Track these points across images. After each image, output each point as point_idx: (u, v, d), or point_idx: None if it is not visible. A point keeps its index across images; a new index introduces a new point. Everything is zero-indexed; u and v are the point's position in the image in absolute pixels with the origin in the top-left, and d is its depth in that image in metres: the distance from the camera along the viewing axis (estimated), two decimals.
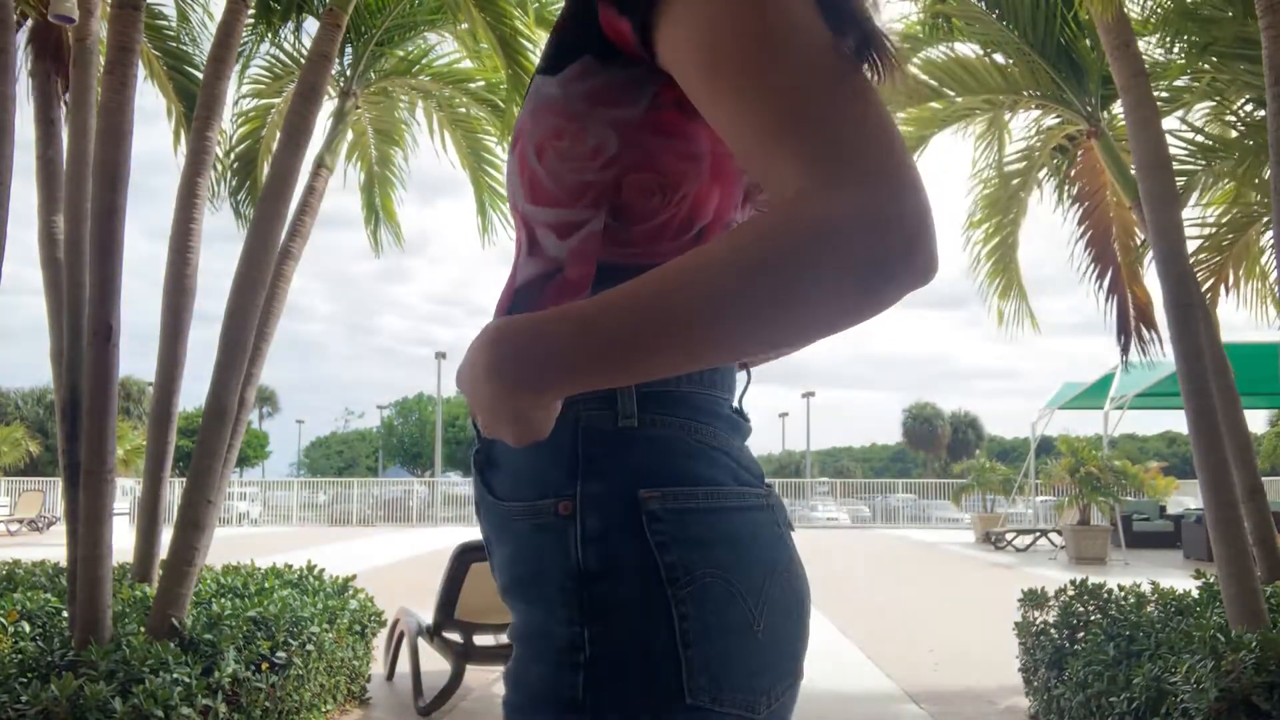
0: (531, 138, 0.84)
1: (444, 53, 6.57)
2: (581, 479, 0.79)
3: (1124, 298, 5.85)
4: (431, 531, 21.80)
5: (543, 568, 0.79)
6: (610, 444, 0.79)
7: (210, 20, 5.93)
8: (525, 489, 0.82)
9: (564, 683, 0.76)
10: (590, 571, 0.76)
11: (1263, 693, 2.95)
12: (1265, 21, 3.48)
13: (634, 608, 0.75)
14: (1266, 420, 31.52)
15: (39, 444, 28.19)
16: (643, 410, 0.80)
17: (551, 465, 0.80)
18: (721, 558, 0.77)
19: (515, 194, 0.87)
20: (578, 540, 0.77)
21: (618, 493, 0.78)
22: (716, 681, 0.75)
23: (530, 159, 0.84)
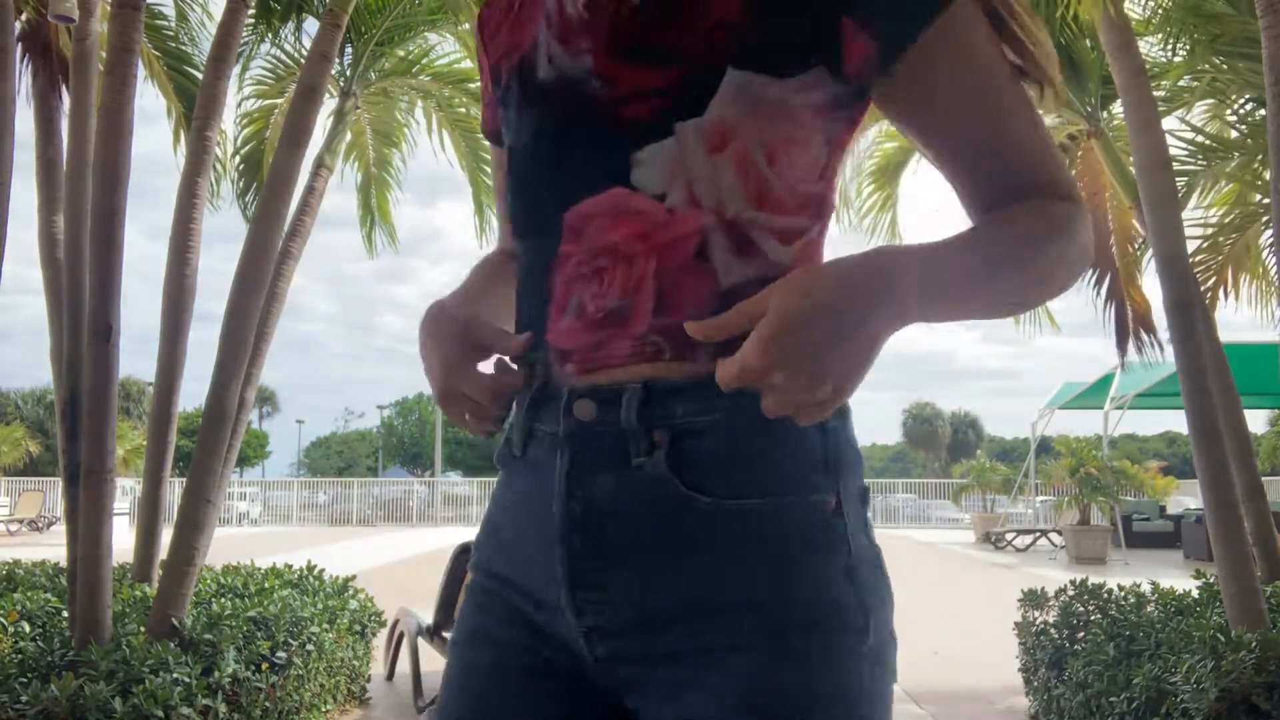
0: (760, 141, 0.81)
1: (444, 53, 6.58)
2: (839, 477, 0.83)
3: (1122, 301, 5.84)
4: (431, 531, 21.80)
5: (815, 562, 0.81)
6: (842, 442, 0.85)
7: (210, 20, 5.93)
8: (775, 485, 0.81)
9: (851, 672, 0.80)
10: (854, 565, 0.82)
11: (1263, 693, 2.95)
12: (1266, 21, 3.48)
13: (884, 597, 0.84)
14: (1266, 420, 31.50)
15: (39, 444, 28.20)
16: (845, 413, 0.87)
17: (808, 462, 0.82)
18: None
19: (714, 194, 0.81)
20: (847, 533, 0.82)
21: (857, 487, 0.85)
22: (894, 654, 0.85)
23: (760, 163, 0.82)
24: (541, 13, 0.90)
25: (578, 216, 0.84)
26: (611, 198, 0.82)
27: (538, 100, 0.88)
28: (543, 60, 0.88)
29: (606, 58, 0.84)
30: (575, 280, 0.84)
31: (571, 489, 0.82)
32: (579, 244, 0.84)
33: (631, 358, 0.81)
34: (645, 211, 0.81)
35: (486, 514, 0.96)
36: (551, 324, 0.85)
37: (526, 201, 0.90)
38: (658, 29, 0.83)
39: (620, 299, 0.82)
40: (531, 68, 0.89)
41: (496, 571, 0.91)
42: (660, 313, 0.81)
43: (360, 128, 6.84)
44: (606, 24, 0.85)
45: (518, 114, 0.90)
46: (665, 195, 0.81)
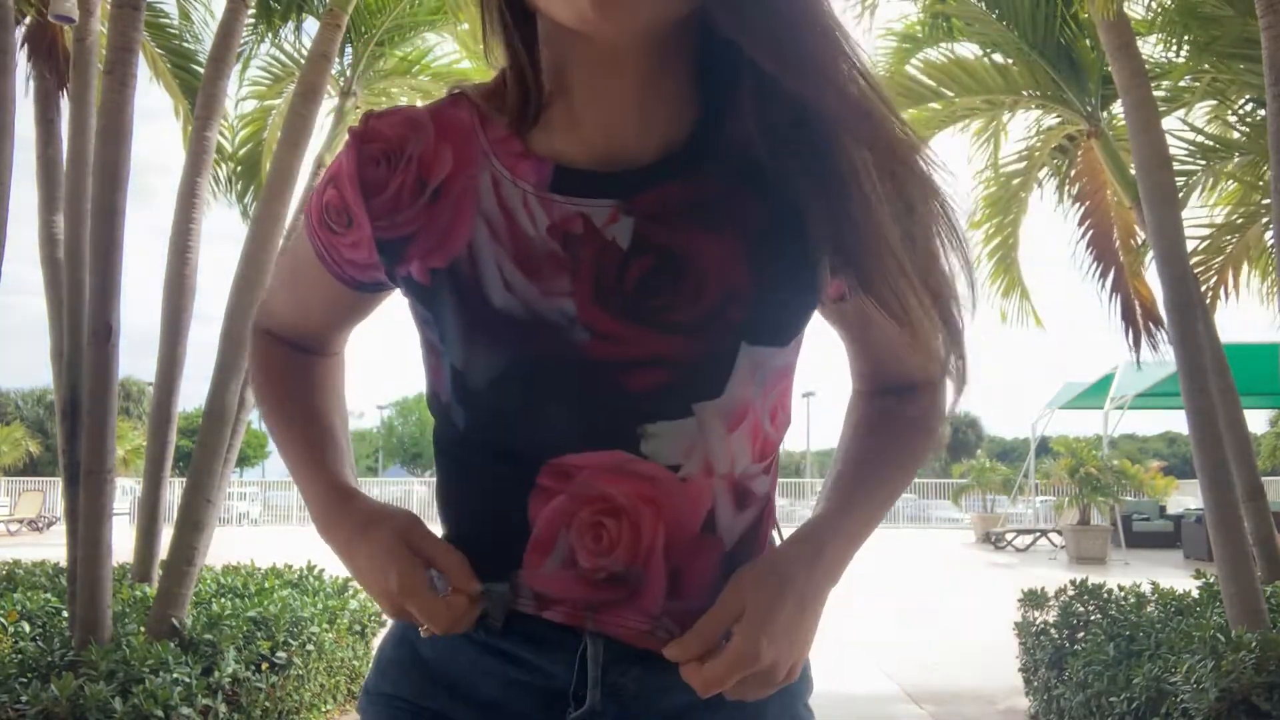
0: (765, 408, 0.83)
1: (444, 52, 6.58)
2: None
3: (1128, 296, 5.85)
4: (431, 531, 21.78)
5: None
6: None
7: (212, 19, 5.94)
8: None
9: None
10: None
11: (1263, 693, 2.95)
12: (1265, 21, 3.48)
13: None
14: (1266, 420, 31.50)
15: (39, 444, 28.19)
16: None
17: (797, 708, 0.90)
18: None
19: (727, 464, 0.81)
20: None
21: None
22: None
23: (765, 426, 0.83)
24: (475, 212, 0.77)
25: (567, 464, 0.78)
26: (614, 457, 0.77)
27: (499, 332, 0.77)
28: (494, 282, 0.76)
29: (592, 307, 0.76)
30: (562, 523, 0.78)
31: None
32: (566, 484, 0.78)
33: (641, 635, 0.79)
34: (656, 477, 0.78)
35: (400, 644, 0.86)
36: (529, 564, 0.78)
37: (490, 434, 0.81)
38: (656, 289, 0.76)
39: (627, 566, 0.78)
40: (475, 285, 0.77)
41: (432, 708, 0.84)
42: (673, 595, 0.79)
43: None
44: (590, 268, 0.76)
45: (466, 339, 0.78)
46: (680, 466, 0.78)
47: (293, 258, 0.93)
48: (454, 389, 0.81)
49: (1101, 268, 5.94)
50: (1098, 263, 5.96)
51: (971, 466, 21.42)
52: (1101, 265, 5.94)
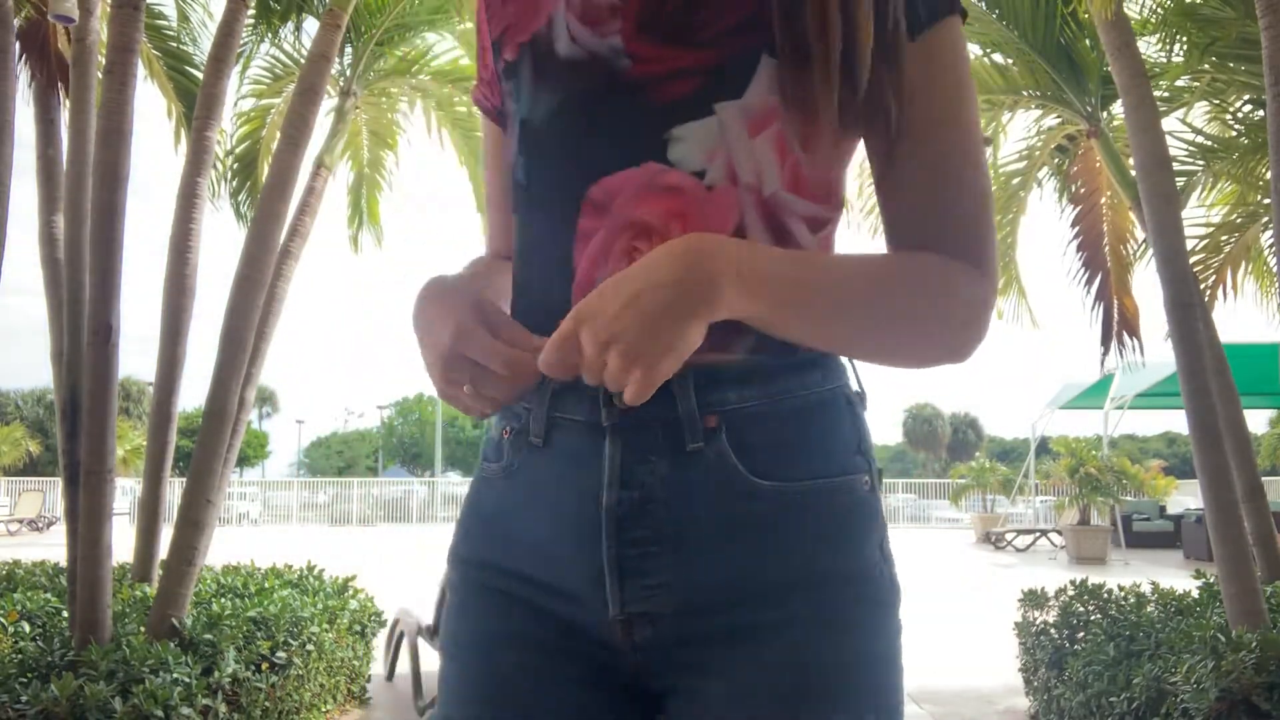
0: (795, 126, 0.84)
1: (444, 51, 6.57)
2: (867, 456, 0.88)
3: (1110, 303, 5.84)
4: (432, 531, 21.80)
5: (861, 540, 0.86)
6: (866, 428, 0.90)
7: (210, 20, 5.93)
8: (825, 467, 0.85)
9: (889, 624, 0.86)
10: (885, 539, 0.89)
11: (1263, 693, 2.95)
12: (1265, 21, 3.48)
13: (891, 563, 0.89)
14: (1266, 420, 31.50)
15: (39, 444, 28.20)
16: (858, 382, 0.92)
17: (846, 445, 0.87)
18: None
19: (754, 173, 0.83)
20: (877, 512, 0.88)
21: (878, 470, 0.90)
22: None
23: (796, 146, 0.84)
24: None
25: (604, 190, 0.83)
26: (645, 172, 0.83)
27: (559, 75, 0.87)
28: (562, 37, 0.88)
29: (637, 38, 0.85)
30: (602, 258, 0.83)
31: (625, 477, 0.81)
32: (603, 219, 0.83)
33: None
34: (682, 187, 0.82)
35: (470, 506, 0.93)
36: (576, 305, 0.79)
37: (543, 173, 0.88)
38: (689, 12, 0.85)
39: None
40: (549, 43, 0.88)
41: (498, 565, 0.88)
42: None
43: (357, 127, 6.84)
44: (635, 6, 0.86)
45: (533, 88, 0.89)
46: (705, 172, 0.82)
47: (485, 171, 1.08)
48: (519, 144, 0.90)
49: (1089, 274, 5.94)
50: (1086, 268, 5.96)
51: (970, 468, 21.42)
52: (1089, 271, 5.94)
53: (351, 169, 7.14)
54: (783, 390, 0.83)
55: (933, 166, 0.84)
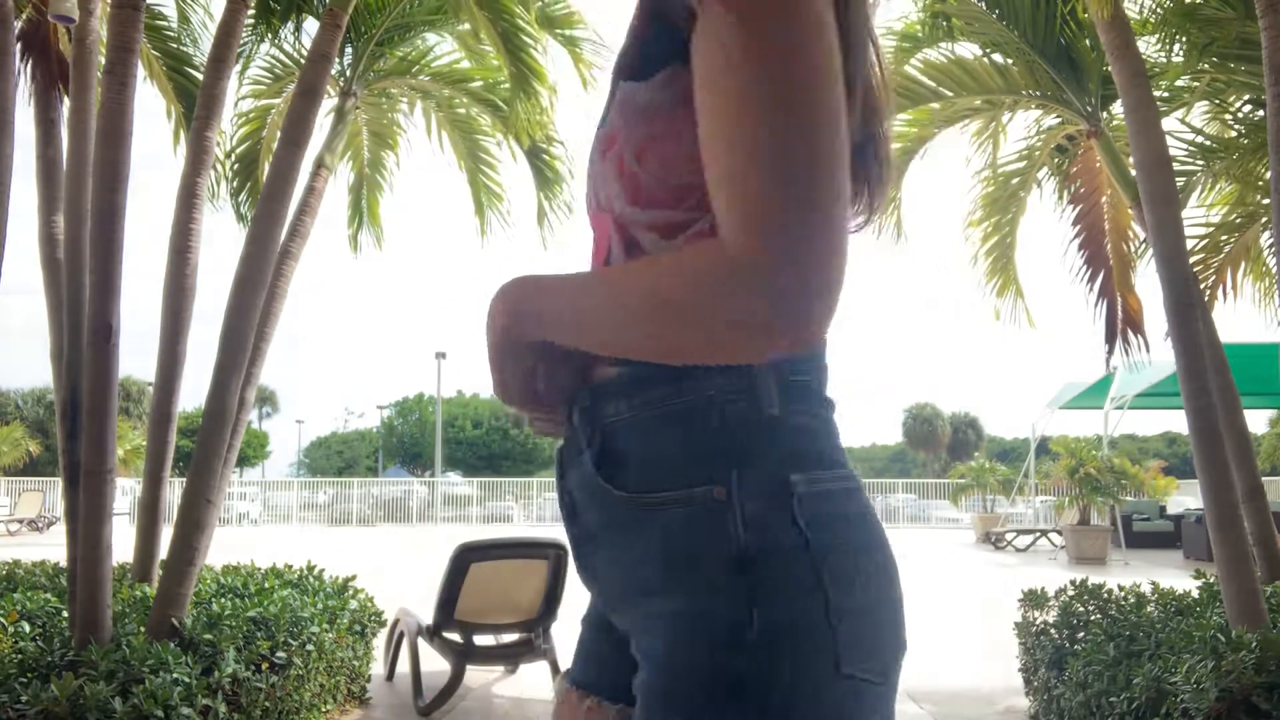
0: (630, 142, 0.87)
1: (444, 52, 6.57)
2: (736, 466, 0.82)
3: (1114, 302, 5.84)
4: (431, 531, 21.80)
5: (699, 552, 0.81)
6: (760, 432, 0.83)
7: (210, 20, 5.93)
8: (669, 478, 0.84)
9: (731, 663, 0.78)
10: (752, 555, 0.80)
11: (1263, 693, 2.95)
12: (1265, 21, 3.48)
13: (794, 587, 0.79)
14: (1266, 420, 31.51)
15: (39, 444, 28.19)
16: (783, 399, 0.84)
17: (697, 454, 0.83)
18: (852, 535, 0.83)
19: (608, 197, 0.90)
20: (738, 524, 0.80)
21: (771, 477, 0.82)
22: (861, 650, 0.80)
23: (629, 162, 0.87)
24: None
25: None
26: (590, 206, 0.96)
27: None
28: None
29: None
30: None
31: (560, 484, 0.96)
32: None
33: (594, 365, 0.91)
34: (596, 217, 0.93)
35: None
36: None
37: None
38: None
39: None
40: None
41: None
42: None
43: (357, 127, 6.84)
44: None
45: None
46: (591, 202, 0.94)
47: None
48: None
49: (1091, 272, 5.93)
50: (1088, 266, 5.95)
51: (970, 468, 21.42)
52: (1091, 269, 5.93)
53: (352, 169, 7.14)
54: (650, 401, 0.86)
55: (703, 133, 0.74)
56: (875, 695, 0.81)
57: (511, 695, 5.36)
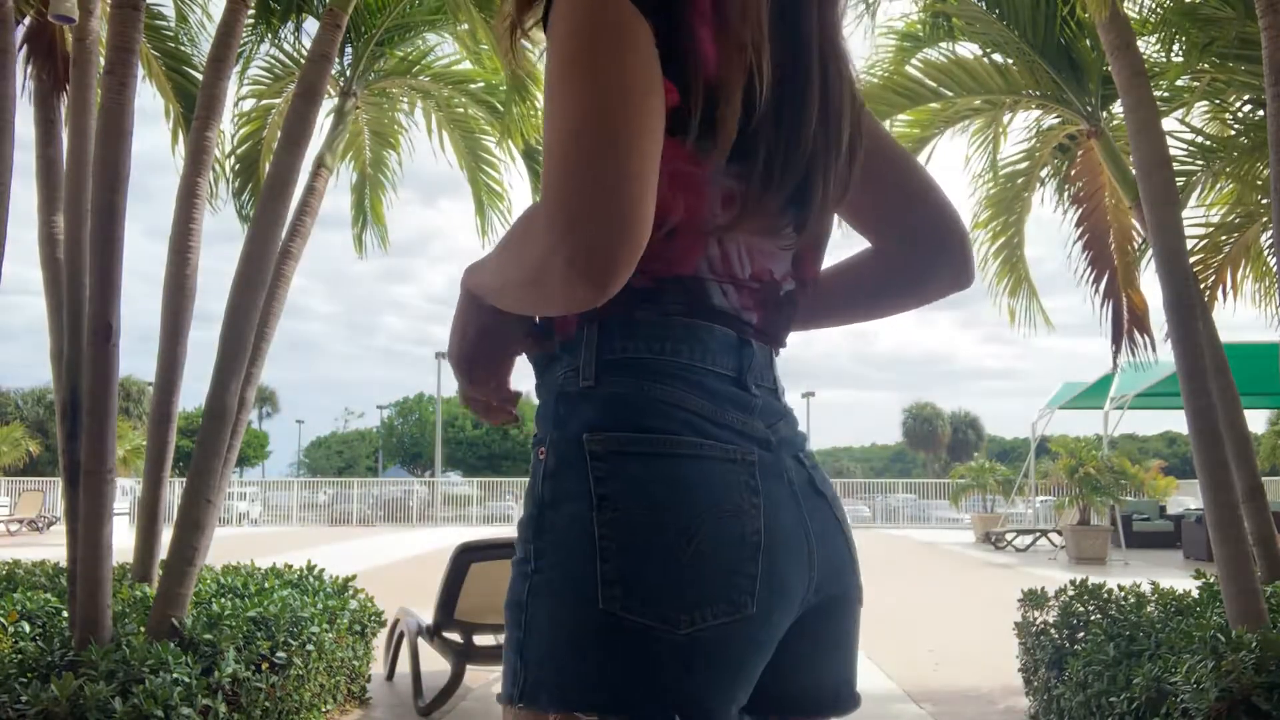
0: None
1: (444, 53, 6.57)
2: (553, 428, 0.96)
3: (1119, 301, 5.84)
4: (431, 531, 21.79)
5: (527, 501, 0.97)
6: (573, 401, 0.96)
7: (210, 21, 5.93)
8: (533, 442, 1.00)
9: (517, 589, 0.92)
10: (545, 500, 0.93)
11: (1263, 693, 2.95)
12: (1265, 21, 3.48)
13: (567, 529, 0.90)
14: (1266, 420, 31.51)
15: (39, 444, 28.17)
16: (601, 373, 0.95)
17: (543, 421, 0.99)
18: (653, 491, 0.89)
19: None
20: (541, 476, 0.95)
21: (571, 437, 0.93)
22: (628, 593, 0.87)
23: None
24: None
25: None
26: None
27: None
28: None
29: None
30: None
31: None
32: None
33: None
34: None
35: None
36: None
37: None
38: None
39: None
40: None
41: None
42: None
43: (358, 127, 6.84)
44: None
45: None
46: None
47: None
48: None
49: (1096, 272, 5.93)
50: (1092, 267, 5.95)
51: (969, 468, 21.43)
52: (1096, 269, 5.93)
53: (354, 169, 7.14)
54: (541, 380, 1.02)
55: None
56: (656, 639, 0.86)
57: None
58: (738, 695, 0.91)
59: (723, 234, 0.96)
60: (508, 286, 0.91)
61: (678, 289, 0.95)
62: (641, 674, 0.86)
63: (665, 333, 0.95)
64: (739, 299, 0.99)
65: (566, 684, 0.87)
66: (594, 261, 0.79)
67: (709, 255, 0.97)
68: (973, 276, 1.15)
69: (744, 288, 0.99)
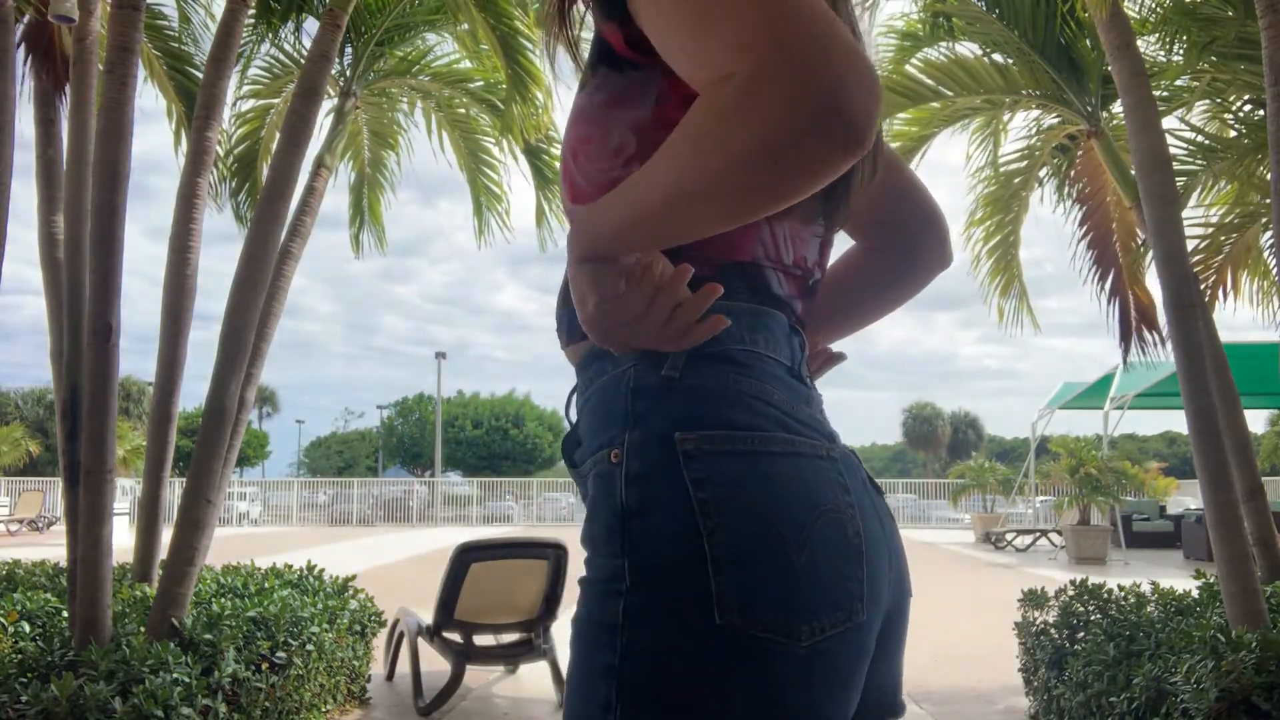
0: (567, 144, 0.98)
1: (444, 53, 6.57)
2: (629, 428, 0.86)
3: (1126, 299, 5.84)
4: (431, 531, 21.79)
5: (599, 512, 0.86)
6: (654, 394, 0.87)
7: (211, 21, 5.93)
8: (591, 446, 0.90)
9: (604, 610, 0.82)
10: (630, 509, 0.83)
11: (1263, 693, 2.95)
12: (1265, 21, 3.47)
13: (668, 539, 0.81)
14: (1266, 420, 31.50)
15: (39, 444, 28.17)
16: (687, 365, 0.87)
17: (609, 420, 0.89)
18: (757, 494, 0.82)
19: (563, 198, 1.00)
20: (623, 482, 0.85)
21: (656, 436, 0.85)
22: (747, 605, 0.79)
23: (569, 162, 0.97)
24: None
25: None
26: None
27: None
28: None
29: None
30: None
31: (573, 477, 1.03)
32: None
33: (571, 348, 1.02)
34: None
35: None
36: None
37: None
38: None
39: None
40: None
41: None
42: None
43: (357, 127, 6.84)
44: None
45: None
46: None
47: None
48: None
49: (1101, 271, 5.92)
50: (1097, 265, 5.94)
51: (968, 468, 21.42)
52: (1101, 268, 5.93)
53: (353, 169, 7.14)
54: (592, 378, 0.93)
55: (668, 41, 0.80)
56: (779, 653, 0.80)
57: (511, 695, 5.36)
58: (851, 708, 0.86)
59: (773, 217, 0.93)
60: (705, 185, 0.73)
61: (738, 275, 0.91)
62: (767, 692, 0.80)
63: (738, 320, 0.89)
64: (788, 286, 0.96)
65: (685, 709, 0.79)
66: (852, 106, 0.67)
67: (763, 240, 0.93)
68: (953, 255, 1.18)
69: (790, 275, 0.96)
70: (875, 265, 1.19)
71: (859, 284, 1.19)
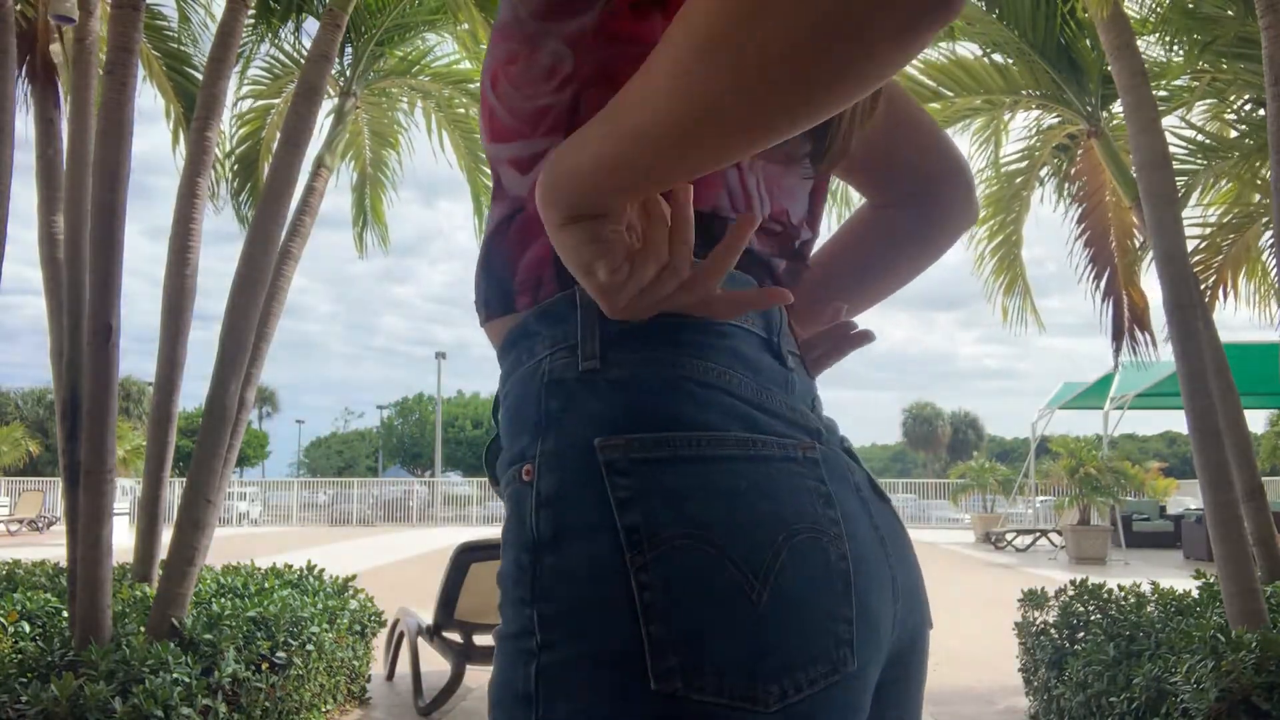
0: (489, 69, 0.77)
1: (444, 53, 6.58)
2: (541, 434, 0.67)
3: (1120, 299, 5.84)
4: (431, 531, 21.80)
5: (509, 545, 0.67)
6: (569, 393, 0.68)
7: (211, 21, 5.94)
8: (505, 459, 0.71)
9: (515, 676, 0.64)
10: (540, 540, 0.64)
11: (1263, 693, 2.95)
12: (1265, 21, 3.47)
13: (586, 580, 0.62)
14: (1266, 420, 31.48)
15: (39, 444, 28.18)
16: (608, 350, 0.68)
17: (521, 425, 0.69)
18: (701, 514, 0.63)
19: (482, 136, 0.80)
20: (533, 506, 0.66)
21: (573, 444, 0.65)
22: (692, 665, 0.60)
23: (486, 90, 0.77)
24: None
25: None
26: None
27: None
28: None
29: None
30: None
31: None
32: None
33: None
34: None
35: None
36: None
37: None
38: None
39: None
40: None
41: None
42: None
43: (358, 127, 6.84)
44: None
45: None
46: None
47: None
48: None
49: (1096, 270, 5.93)
50: (1093, 264, 5.95)
51: (968, 468, 21.42)
52: (1096, 267, 5.93)
53: (354, 169, 7.14)
54: (508, 370, 0.74)
55: None
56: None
57: None
58: None
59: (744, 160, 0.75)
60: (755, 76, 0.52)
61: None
62: None
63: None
64: (763, 243, 0.78)
65: None
66: None
67: (729, 186, 0.74)
68: (979, 209, 1.01)
69: (765, 230, 0.78)
70: (892, 221, 0.99)
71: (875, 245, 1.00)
